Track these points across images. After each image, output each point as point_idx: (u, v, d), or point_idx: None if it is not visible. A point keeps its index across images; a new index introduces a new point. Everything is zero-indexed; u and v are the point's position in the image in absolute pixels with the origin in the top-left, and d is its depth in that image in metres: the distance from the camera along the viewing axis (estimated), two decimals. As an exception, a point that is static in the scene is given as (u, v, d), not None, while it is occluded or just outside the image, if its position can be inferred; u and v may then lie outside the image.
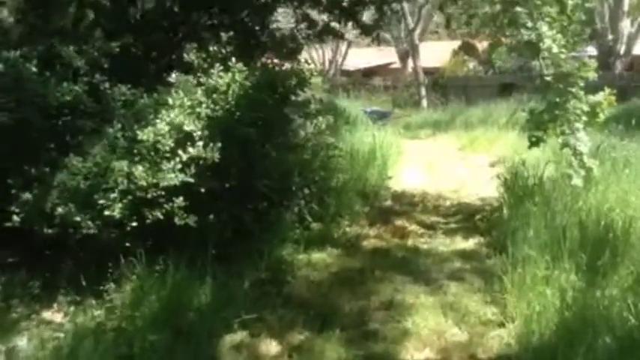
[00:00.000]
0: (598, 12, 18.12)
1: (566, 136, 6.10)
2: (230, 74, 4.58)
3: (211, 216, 5.65)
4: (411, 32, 23.64)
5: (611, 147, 6.88)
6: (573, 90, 6.13)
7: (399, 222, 6.93)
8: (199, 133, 4.29)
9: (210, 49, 4.72)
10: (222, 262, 5.18)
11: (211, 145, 4.23)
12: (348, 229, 6.58)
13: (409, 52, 25.18)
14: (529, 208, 5.81)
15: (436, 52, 26.54)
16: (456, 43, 27.01)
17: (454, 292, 4.68)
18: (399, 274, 5.18)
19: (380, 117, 17.93)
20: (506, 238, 5.49)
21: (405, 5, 23.36)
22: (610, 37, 18.09)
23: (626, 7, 17.70)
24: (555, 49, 5.65)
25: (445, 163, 11.13)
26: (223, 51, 4.76)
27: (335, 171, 7.90)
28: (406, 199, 8.14)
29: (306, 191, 6.78)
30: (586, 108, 6.08)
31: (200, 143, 4.23)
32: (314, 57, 28.58)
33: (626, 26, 17.96)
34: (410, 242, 6.13)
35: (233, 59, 4.64)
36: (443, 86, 22.98)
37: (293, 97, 5.77)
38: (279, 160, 6.07)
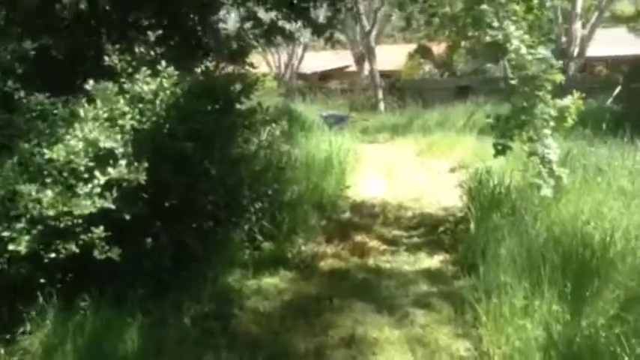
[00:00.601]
0: (551, 14, 18.12)
1: (534, 143, 5.69)
2: (158, 80, 3.88)
3: (149, 240, 5.04)
4: (367, 34, 23.22)
5: (579, 153, 6.49)
6: (540, 94, 5.72)
7: (358, 237, 6.36)
8: (122, 150, 3.60)
9: (137, 50, 4.01)
10: (159, 295, 4.50)
11: (136, 164, 3.54)
12: (303, 247, 5.96)
13: (365, 55, 24.77)
14: (497, 221, 5.34)
15: (392, 56, 26.23)
16: (412, 47, 26.80)
17: (422, 323, 4.12)
18: (360, 300, 4.60)
19: (337, 121, 17.41)
20: (475, 256, 5.00)
21: (361, 7, 22.98)
22: (563, 39, 18.06)
23: (578, 10, 17.68)
24: (523, 50, 5.20)
25: (404, 170, 10.66)
26: (152, 53, 4.06)
27: (289, 182, 7.30)
28: (366, 210, 7.59)
29: (258, 206, 6.18)
30: (554, 113, 5.67)
31: (123, 162, 3.53)
32: (269, 61, 27.92)
33: (578, 29, 17.97)
34: (371, 261, 5.57)
35: (163, 63, 3.95)
36: (400, 89, 22.65)
37: (238, 105, 5.11)
38: (225, 174, 5.43)
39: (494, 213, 5.58)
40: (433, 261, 5.47)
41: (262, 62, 27.06)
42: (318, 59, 29.57)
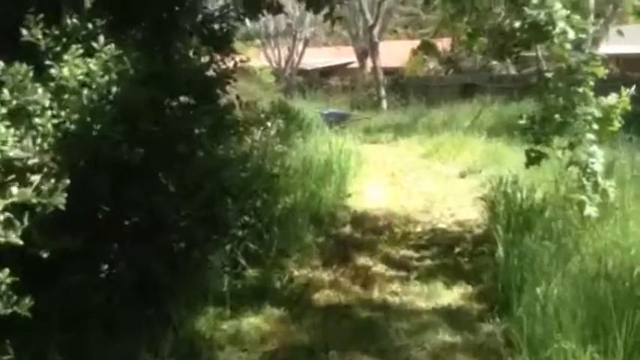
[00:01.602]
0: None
1: (574, 150, 4.65)
2: (96, 60, 2.79)
3: (105, 267, 4.05)
4: (369, 29, 22.02)
5: (626, 163, 5.43)
6: (580, 90, 4.68)
7: (360, 259, 5.33)
8: (36, 160, 2.55)
9: (68, 22, 2.93)
10: (105, 344, 3.48)
11: (53, 181, 2.48)
12: (295, 272, 4.94)
13: (368, 51, 23.66)
14: (529, 245, 4.30)
15: (395, 52, 25.13)
16: (415, 43, 25.71)
17: (445, 394, 3.09)
18: (363, 352, 3.57)
19: (338, 120, 16.36)
20: (506, 291, 3.98)
21: (364, 1, 21.93)
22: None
23: (592, 2, 16.61)
24: (571, 34, 4.14)
25: (410, 175, 9.62)
26: (90, 26, 2.96)
27: (282, 191, 6.28)
28: (369, 224, 6.54)
29: (243, 221, 5.16)
30: (598, 114, 4.62)
31: (36, 177, 2.48)
32: (269, 55, 26.83)
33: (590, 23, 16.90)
34: (376, 293, 4.53)
35: (101, 39, 2.87)
36: (403, 86, 21.53)
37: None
38: (200, 183, 4.41)
39: (525, 235, 4.55)
40: (452, 294, 4.43)
41: (262, 57, 26.03)
42: (319, 55, 28.51)
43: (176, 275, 4.25)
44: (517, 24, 5.71)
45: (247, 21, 5.37)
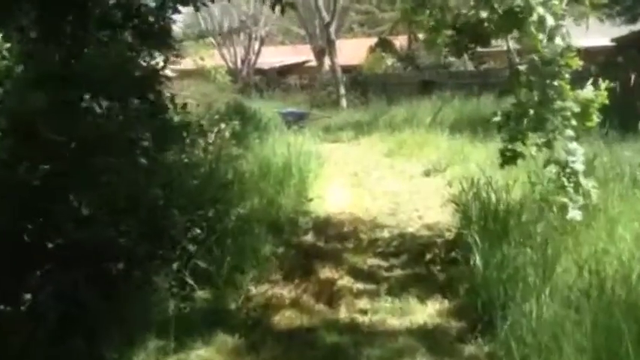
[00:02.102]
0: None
1: (552, 148, 4.26)
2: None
3: (28, 297, 3.45)
4: (326, 27, 21.52)
5: (602, 161, 5.08)
6: (556, 83, 4.29)
7: (325, 271, 4.82)
8: None
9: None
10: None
11: None
12: (253, 289, 4.39)
13: (325, 49, 23.19)
14: (510, 253, 3.89)
15: (353, 50, 24.77)
16: (372, 41, 25.40)
17: None
18: (331, 388, 3.06)
19: (297, 119, 15.84)
20: (487, 308, 3.54)
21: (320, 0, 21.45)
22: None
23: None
24: (550, 21, 3.73)
25: (374, 174, 9.18)
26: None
27: (237, 198, 5.71)
28: (332, 230, 6.04)
29: (192, 234, 4.57)
30: (576, 108, 4.25)
31: None
32: (225, 55, 26.05)
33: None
34: (343, 312, 4.02)
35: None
36: (362, 84, 21.13)
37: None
38: (141, 193, 3.84)
39: (502, 241, 4.13)
40: (427, 310, 3.96)
41: (217, 56, 25.24)
42: (276, 54, 27.91)
43: (112, 302, 3.66)
44: (484, 14, 5.29)
45: (201, 20, 4.79)
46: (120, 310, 3.65)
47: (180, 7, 4.10)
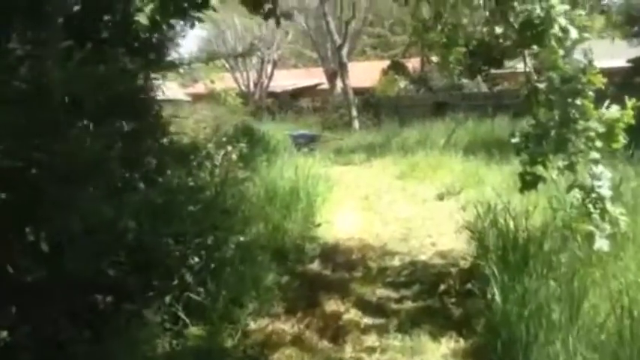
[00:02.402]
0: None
1: (576, 172, 3.91)
2: None
3: (4, 333, 3.17)
4: (338, 50, 21.43)
5: (630, 186, 4.71)
6: (579, 102, 3.96)
7: (330, 303, 4.48)
8: None
9: None
10: None
11: None
12: (251, 324, 4.06)
13: (337, 71, 23.07)
14: (532, 287, 3.52)
15: (365, 73, 24.65)
16: (385, 64, 25.27)
17: None
18: None
19: (308, 141, 15.64)
20: (510, 351, 3.16)
21: (331, 22, 21.39)
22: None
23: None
24: (573, 34, 3.43)
25: (385, 198, 8.84)
26: None
27: (241, 224, 5.41)
28: (340, 258, 5.71)
29: (189, 263, 4.27)
30: (601, 129, 3.91)
31: None
32: (238, 79, 26.08)
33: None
34: (349, 351, 3.67)
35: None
36: (374, 106, 20.90)
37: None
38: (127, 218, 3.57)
39: (522, 272, 3.77)
40: (441, 349, 3.60)
41: (230, 80, 25.25)
42: (288, 77, 27.89)
43: (97, 340, 3.36)
44: (499, 30, 5.00)
45: (215, 45, 4.56)
46: (105, 349, 3.35)
47: (188, 28, 3.86)
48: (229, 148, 8.29)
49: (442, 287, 4.67)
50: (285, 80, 26.95)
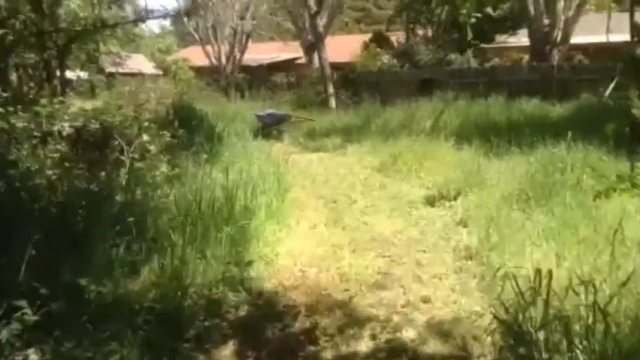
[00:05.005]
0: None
1: None
2: None
3: None
4: (313, 18, 18.49)
5: None
6: None
7: None
8: None
9: None
10: None
11: None
12: None
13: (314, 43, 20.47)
14: None
15: (346, 46, 22.11)
16: (368, 37, 22.74)
17: None
18: None
19: (276, 122, 13.24)
20: None
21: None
22: (546, 21, 14.24)
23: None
24: None
25: (359, 203, 6.56)
26: None
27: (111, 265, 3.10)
28: (270, 331, 3.41)
29: None
30: None
31: None
32: (209, 52, 23.38)
33: (561, 9, 14.22)
34: None
35: None
36: (354, 82, 18.39)
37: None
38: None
39: None
40: None
41: (200, 53, 22.63)
42: (265, 50, 25.26)
43: None
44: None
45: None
46: None
47: None
48: (145, 137, 5.93)
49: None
50: (261, 54, 24.32)
